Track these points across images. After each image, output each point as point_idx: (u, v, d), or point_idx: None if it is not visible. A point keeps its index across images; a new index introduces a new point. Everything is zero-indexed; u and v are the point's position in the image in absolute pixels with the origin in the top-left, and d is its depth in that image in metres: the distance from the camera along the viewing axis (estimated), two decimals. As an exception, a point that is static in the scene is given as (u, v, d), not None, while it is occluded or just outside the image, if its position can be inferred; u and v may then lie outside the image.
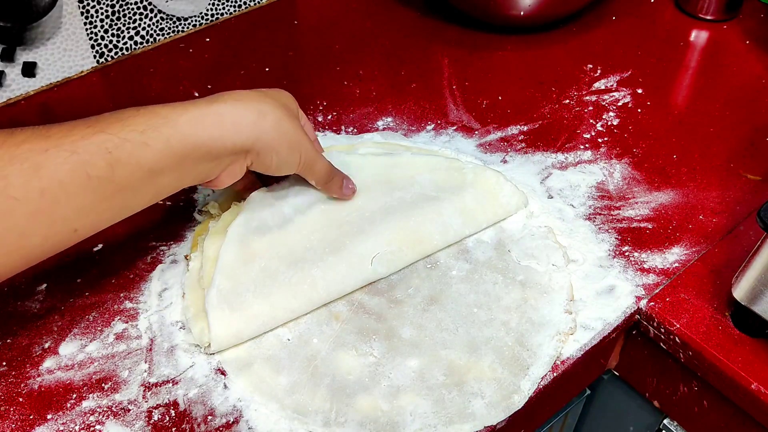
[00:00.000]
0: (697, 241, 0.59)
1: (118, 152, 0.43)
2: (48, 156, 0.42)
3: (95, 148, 0.43)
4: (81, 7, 0.73)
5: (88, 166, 0.43)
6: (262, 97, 0.51)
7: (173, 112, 0.46)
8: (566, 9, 0.82)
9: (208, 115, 0.47)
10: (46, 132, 0.43)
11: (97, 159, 0.43)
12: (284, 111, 0.51)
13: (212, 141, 0.47)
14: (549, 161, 0.66)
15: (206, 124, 0.47)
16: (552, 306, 0.53)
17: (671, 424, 0.61)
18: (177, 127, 0.46)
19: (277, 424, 0.47)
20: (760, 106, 0.73)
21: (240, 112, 0.49)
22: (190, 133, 0.46)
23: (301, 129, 0.53)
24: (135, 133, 0.44)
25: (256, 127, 0.49)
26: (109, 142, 0.43)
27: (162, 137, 0.45)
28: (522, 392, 0.49)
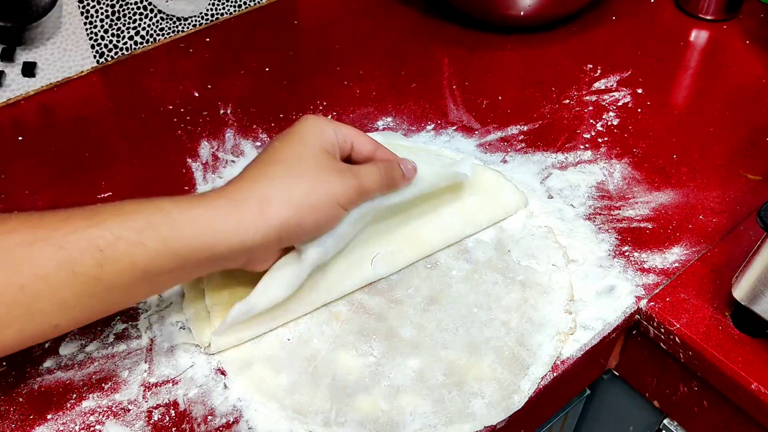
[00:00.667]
0: (697, 241, 0.59)
1: (109, 251, 0.40)
2: (33, 250, 0.39)
3: (85, 245, 0.40)
4: (81, 7, 0.73)
5: (75, 263, 0.40)
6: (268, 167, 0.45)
7: (176, 209, 0.42)
8: (566, 9, 0.82)
9: (210, 215, 0.43)
10: (38, 221, 0.40)
11: (86, 257, 0.40)
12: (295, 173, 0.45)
13: (213, 245, 0.43)
14: (549, 161, 0.66)
15: (207, 226, 0.43)
16: (552, 306, 0.53)
17: (671, 424, 0.61)
18: (177, 227, 0.42)
19: (277, 424, 0.47)
20: (760, 106, 0.73)
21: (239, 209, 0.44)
22: (189, 235, 0.42)
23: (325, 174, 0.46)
24: (132, 231, 0.41)
25: (261, 217, 0.44)
26: (101, 239, 0.40)
27: (159, 237, 0.41)
28: (522, 392, 0.49)
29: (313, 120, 0.49)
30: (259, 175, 0.45)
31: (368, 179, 0.49)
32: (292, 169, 0.46)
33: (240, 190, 0.45)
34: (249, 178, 0.45)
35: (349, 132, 0.51)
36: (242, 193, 0.44)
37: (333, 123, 0.50)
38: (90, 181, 0.64)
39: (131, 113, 0.72)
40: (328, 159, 0.47)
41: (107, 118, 0.72)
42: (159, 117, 0.71)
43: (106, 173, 0.65)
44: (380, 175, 0.50)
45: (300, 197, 0.45)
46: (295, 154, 0.46)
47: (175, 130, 0.70)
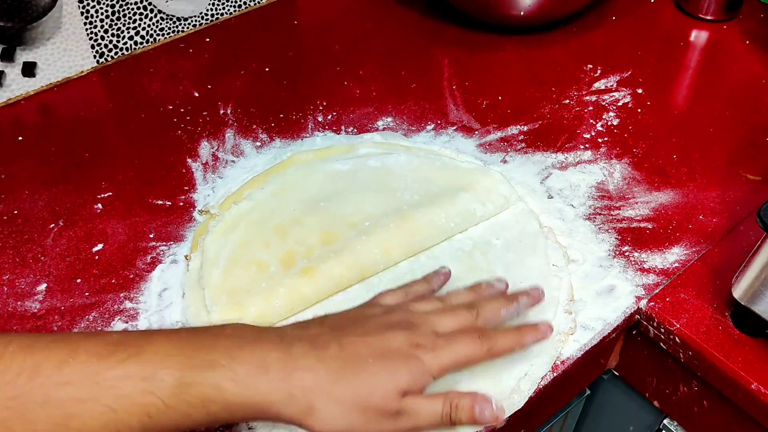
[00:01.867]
0: (697, 241, 0.59)
1: (158, 418, 0.39)
2: (84, 408, 0.38)
3: (136, 410, 0.39)
4: (81, 7, 0.73)
5: (122, 424, 0.39)
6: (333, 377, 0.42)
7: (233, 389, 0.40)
8: (566, 9, 0.82)
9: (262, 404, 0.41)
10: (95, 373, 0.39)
11: (135, 421, 0.39)
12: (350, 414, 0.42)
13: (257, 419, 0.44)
14: (549, 161, 0.66)
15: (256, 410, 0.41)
16: (552, 306, 0.53)
17: (671, 424, 0.61)
18: (228, 409, 0.40)
19: (277, 425, 0.47)
20: (760, 106, 0.73)
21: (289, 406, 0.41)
22: (238, 413, 0.41)
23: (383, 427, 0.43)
24: (184, 405, 0.40)
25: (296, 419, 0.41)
26: (153, 407, 0.39)
27: (209, 414, 0.40)
28: (522, 392, 0.49)
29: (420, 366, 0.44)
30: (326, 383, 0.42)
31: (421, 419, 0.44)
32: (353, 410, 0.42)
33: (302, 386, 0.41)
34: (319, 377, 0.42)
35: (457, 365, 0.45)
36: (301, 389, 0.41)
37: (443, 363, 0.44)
38: (90, 181, 0.64)
39: (131, 113, 0.72)
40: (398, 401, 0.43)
41: (107, 118, 0.72)
42: (159, 117, 0.71)
43: (106, 173, 0.65)
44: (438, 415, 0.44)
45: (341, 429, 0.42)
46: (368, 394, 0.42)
47: (175, 130, 0.70)
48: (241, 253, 0.55)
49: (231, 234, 0.56)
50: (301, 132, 0.69)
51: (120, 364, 0.39)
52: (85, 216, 0.61)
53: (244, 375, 0.41)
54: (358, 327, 0.45)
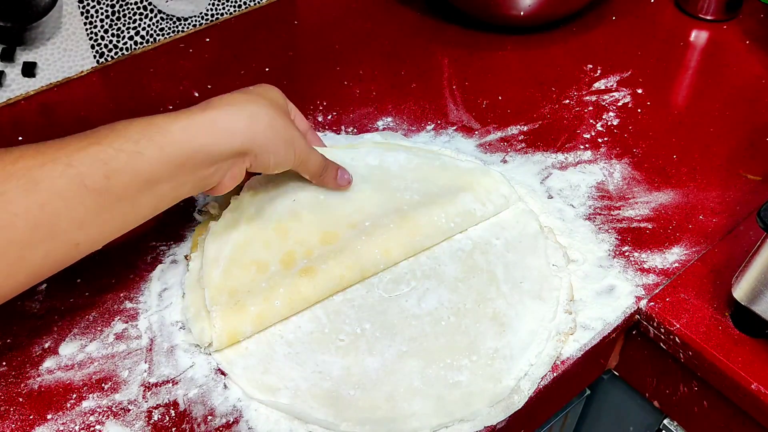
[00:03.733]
0: (697, 241, 0.59)
1: (113, 163, 0.44)
2: (44, 170, 0.42)
3: (90, 160, 0.43)
4: (81, 7, 0.73)
5: (85, 177, 0.43)
6: (252, 98, 0.51)
7: (166, 121, 0.46)
8: (566, 9, 0.82)
9: (202, 122, 0.47)
10: (40, 148, 0.43)
11: (93, 170, 0.43)
12: (276, 110, 0.51)
13: (207, 147, 0.47)
14: (549, 161, 0.66)
15: (200, 131, 0.47)
16: (552, 306, 0.53)
17: (671, 424, 0.61)
18: (170, 135, 0.46)
19: (277, 424, 0.47)
20: (760, 106, 0.73)
21: (233, 117, 0.49)
22: (184, 141, 0.46)
23: (292, 124, 0.53)
24: (129, 143, 0.44)
25: (249, 130, 0.49)
26: (104, 153, 0.44)
27: (156, 146, 0.45)
28: (522, 392, 0.49)
29: (276, 90, 0.55)
30: (247, 101, 0.50)
31: (314, 158, 0.56)
32: (274, 109, 0.51)
33: (230, 105, 0.49)
34: (238, 100, 0.50)
35: (293, 107, 0.58)
36: (234, 107, 0.49)
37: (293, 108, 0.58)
38: (90, 181, 0.64)
39: (131, 113, 0.71)
40: (291, 119, 0.54)
41: (107, 118, 0.71)
42: (159, 117, 0.71)
43: (106, 173, 0.65)
44: (320, 165, 0.56)
45: (279, 127, 0.51)
46: (272, 102, 0.52)
47: (175, 130, 0.70)
48: (241, 253, 0.55)
49: (231, 234, 0.56)
50: (301, 132, 0.69)
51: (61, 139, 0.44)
52: (85, 216, 0.61)
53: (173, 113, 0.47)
54: None
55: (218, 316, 0.51)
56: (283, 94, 0.56)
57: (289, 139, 0.52)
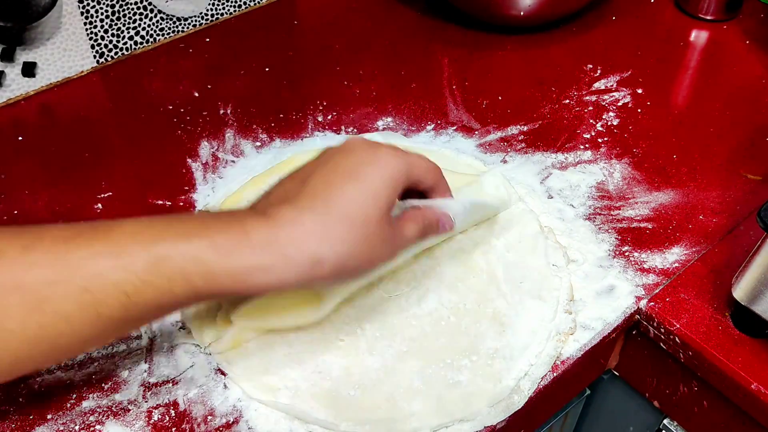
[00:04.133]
0: (697, 241, 0.59)
1: (136, 296, 0.38)
2: (56, 290, 0.37)
3: (112, 289, 0.38)
4: (81, 7, 0.73)
5: (100, 305, 0.38)
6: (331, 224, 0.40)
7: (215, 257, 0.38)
8: (566, 9, 0.82)
9: (253, 267, 0.39)
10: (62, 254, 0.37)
11: (112, 300, 0.38)
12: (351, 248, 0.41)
13: (248, 290, 0.41)
14: (549, 161, 0.66)
15: (248, 278, 0.39)
16: (552, 306, 0.53)
17: (671, 424, 0.61)
18: (213, 279, 0.39)
19: (277, 424, 0.47)
20: (760, 106, 0.73)
21: (290, 265, 0.40)
22: (225, 285, 0.39)
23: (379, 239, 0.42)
24: (162, 279, 0.38)
25: (306, 278, 0.41)
26: (129, 284, 0.38)
27: (191, 287, 0.39)
28: (522, 392, 0.49)
29: (393, 164, 0.44)
30: (317, 226, 0.40)
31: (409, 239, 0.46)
32: (355, 232, 0.41)
33: (294, 241, 0.40)
34: (306, 226, 0.40)
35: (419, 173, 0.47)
36: (295, 245, 0.40)
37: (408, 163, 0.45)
38: (90, 181, 0.64)
39: (131, 113, 0.72)
40: (389, 225, 0.44)
41: (107, 118, 0.72)
42: (159, 117, 0.71)
43: (106, 173, 0.65)
44: (417, 236, 0.47)
45: (352, 267, 0.42)
46: (364, 212, 0.42)
47: (175, 130, 0.70)
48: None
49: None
50: (301, 132, 0.69)
51: (88, 244, 0.38)
52: (85, 216, 0.61)
53: (225, 242, 0.38)
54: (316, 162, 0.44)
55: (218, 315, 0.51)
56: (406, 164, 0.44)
57: (370, 263, 0.43)
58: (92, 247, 0.38)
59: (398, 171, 0.43)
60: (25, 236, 0.38)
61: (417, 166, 0.46)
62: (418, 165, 0.46)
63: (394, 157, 0.44)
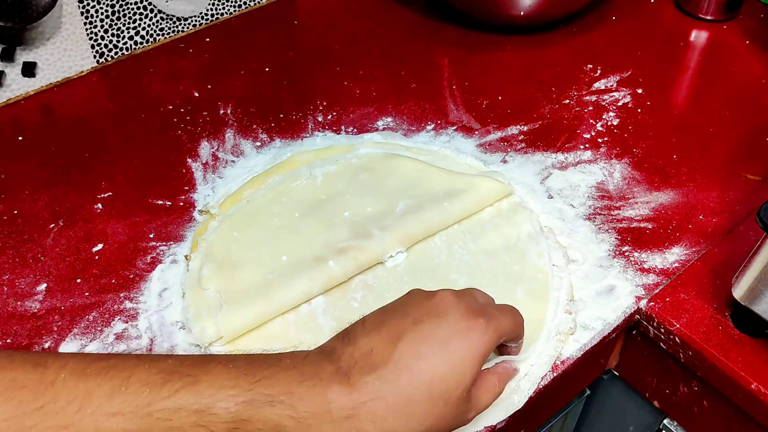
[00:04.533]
0: (697, 241, 0.59)
1: None
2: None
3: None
4: (81, 7, 0.73)
5: None
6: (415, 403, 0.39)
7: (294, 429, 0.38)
8: (566, 9, 0.82)
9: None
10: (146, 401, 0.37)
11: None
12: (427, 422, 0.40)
13: None
14: (549, 161, 0.66)
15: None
16: (552, 306, 0.53)
17: (671, 424, 0.61)
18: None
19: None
20: (760, 106, 0.73)
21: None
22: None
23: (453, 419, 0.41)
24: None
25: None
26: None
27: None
28: (522, 392, 0.49)
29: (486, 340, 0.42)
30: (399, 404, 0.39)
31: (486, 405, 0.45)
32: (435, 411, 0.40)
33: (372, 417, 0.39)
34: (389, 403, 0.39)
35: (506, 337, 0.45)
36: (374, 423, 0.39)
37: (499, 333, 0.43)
38: (90, 181, 0.64)
39: (131, 113, 0.72)
40: (468, 400, 0.42)
41: (107, 118, 0.72)
42: (159, 117, 0.71)
43: (106, 173, 0.65)
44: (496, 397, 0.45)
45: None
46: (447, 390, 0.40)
47: (175, 130, 0.70)
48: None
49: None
50: (301, 132, 0.69)
51: (173, 395, 0.37)
52: (85, 216, 0.61)
53: (305, 412, 0.38)
54: (408, 317, 0.42)
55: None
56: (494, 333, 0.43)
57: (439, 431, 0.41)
58: (178, 398, 0.37)
59: (489, 345, 0.42)
60: (113, 377, 0.37)
61: (506, 331, 0.44)
62: (507, 329, 0.44)
63: (487, 329, 0.42)
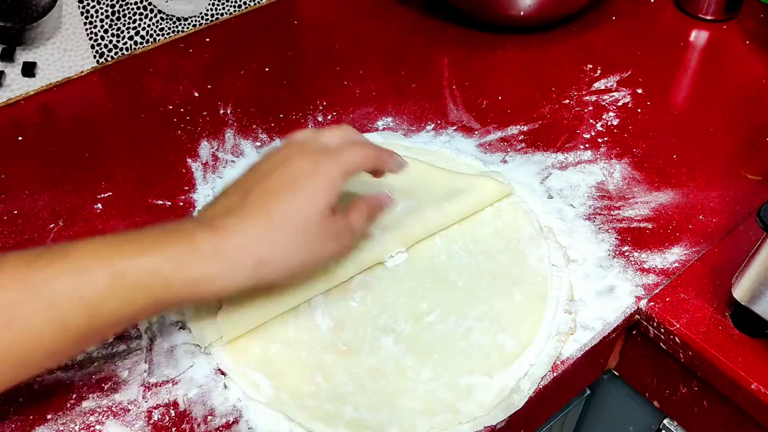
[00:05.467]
0: (697, 241, 0.59)
1: (99, 307, 0.41)
2: (24, 309, 0.40)
3: (76, 302, 0.40)
4: (81, 7, 0.73)
5: (66, 318, 0.40)
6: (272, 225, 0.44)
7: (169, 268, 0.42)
8: (566, 9, 0.82)
9: (203, 275, 0.43)
10: (25, 275, 0.40)
11: (77, 312, 0.40)
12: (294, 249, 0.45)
13: (202, 296, 0.44)
14: (549, 161, 0.66)
15: (200, 284, 0.43)
16: (552, 306, 0.53)
17: (671, 424, 0.61)
18: (169, 288, 0.42)
19: (277, 424, 0.47)
20: (760, 106, 0.73)
21: (235, 269, 0.43)
22: (181, 293, 0.43)
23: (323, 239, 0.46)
24: (123, 290, 0.41)
25: (252, 278, 0.44)
26: (93, 298, 0.41)
27: (150, 296, 0.42)
28: (522, 392, 0.49)
29: (331, 173, 0.47)
30: (259, 232, 0.44)
31: (360, 228, 0.50)
32: (297, 236, 0.45)
33: (239, 249, 0.43)
34: (249, 233, 0.44)
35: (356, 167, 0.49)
36: (240, 252, 0.43)
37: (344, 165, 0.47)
38: (90, 181, 0.64)
39: (131, 113, 0.72)
40: (332, 222, 0.47)
41: (107, 118, 0.72)
42: (159, 117, 0.71)
43: (106, 173, 0.65)
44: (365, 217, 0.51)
45: (297, 264, 0.46)
46: (303, 217, 0.45)
47: (175, 130, 0.70)
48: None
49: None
50: (301, 132, 0.69)
51: (49, 265, 0.40)
52: (85, 216, 0.61)
53: (178, 255, 0.42)
54: (258, 173, 0.47)
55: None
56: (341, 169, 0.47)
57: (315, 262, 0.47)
58: (54, 267, 0.41)
59: (336, 177, 0.47)
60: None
61: (352, 164, 0.48)
62: (353, 162, 0.48)
63: (329, 164, 0.47)
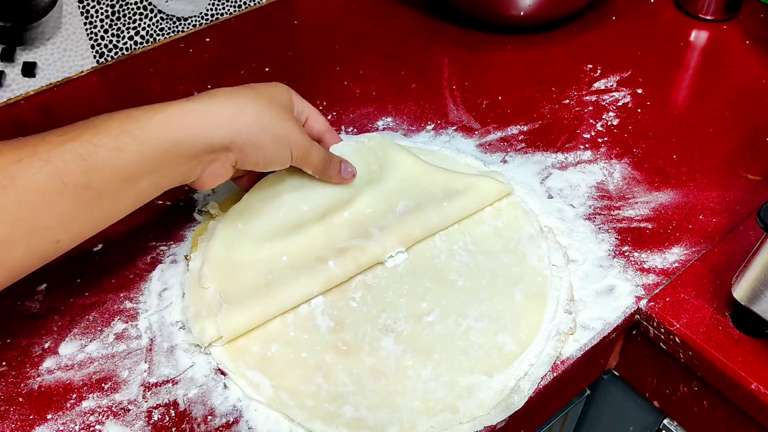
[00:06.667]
0: (697, 241, 0.59)
1: (92, 159, 0.43)
2: (21, 166, 0.42)
3: (69, 156, 0.43)
4: (81, 7, 0.73)
5: (63, 173, 0.42)
6: (244, 90, 0.50)
7: (146, 114, 0.46)
8: (566, 9, 0.82)
9: (182, 114, 0.47)
10: (17, 143, 0.43)
11: (72, 166, 0.43)
12: (268, 104, 0.50)
13: (187, 140, 0.46)
14: (549, 161, 0.66)
15: (180, 124, 0.46)
16: (552, 306, 0.53)
17: (671, 424, 0.61)
18: (150, 129, 0.45)
19: (277, 424, 0.47)
20: (760, 106, 0.73)
21: (216, 108, 0.48)
22: (163, 134, 0.46)
23: (291, 120, 0.52)
24: (108, 138, 0.44)
25: (233, 123, 0.48)
26: (83, 148, 0.43)
27: (136, 141, 0.45)
28: (522, 392, 0.49)
29: (282, 86, 0.54)
30: (235, 93, 0.50)
31: (315, 153, 0.54)
32: (266, 102, 0.50)
33: (215, 97, 0.49)
34: (225, 92, 0.50)
35: (306, 107, 0.56)
36: (218, 99, 0.49)
37: (296, 94, 0.55)
38: (90, 181, 0.64)
39: (131, 113, 0.72)
40: (293, 115, 0.53)
41: (107, 118, 0.72)
42: (159, 117, 0.71)
43: (106, 173, 0.65)
44: (323, 160, 0.55)
45: (268, 123, 0.50)
46: (267, 96, 0.51)
47: (175, 130, 0.70)
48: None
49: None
50: (301, 132, 0.69)
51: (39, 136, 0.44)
52: (85, 216, 0.61)
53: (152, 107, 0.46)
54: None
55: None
56: (291, 91, 0.55)
57: (282, 135, 0.51)
58: (45, 133, 0.44)
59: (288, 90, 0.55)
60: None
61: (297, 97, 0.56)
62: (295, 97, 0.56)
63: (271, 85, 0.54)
